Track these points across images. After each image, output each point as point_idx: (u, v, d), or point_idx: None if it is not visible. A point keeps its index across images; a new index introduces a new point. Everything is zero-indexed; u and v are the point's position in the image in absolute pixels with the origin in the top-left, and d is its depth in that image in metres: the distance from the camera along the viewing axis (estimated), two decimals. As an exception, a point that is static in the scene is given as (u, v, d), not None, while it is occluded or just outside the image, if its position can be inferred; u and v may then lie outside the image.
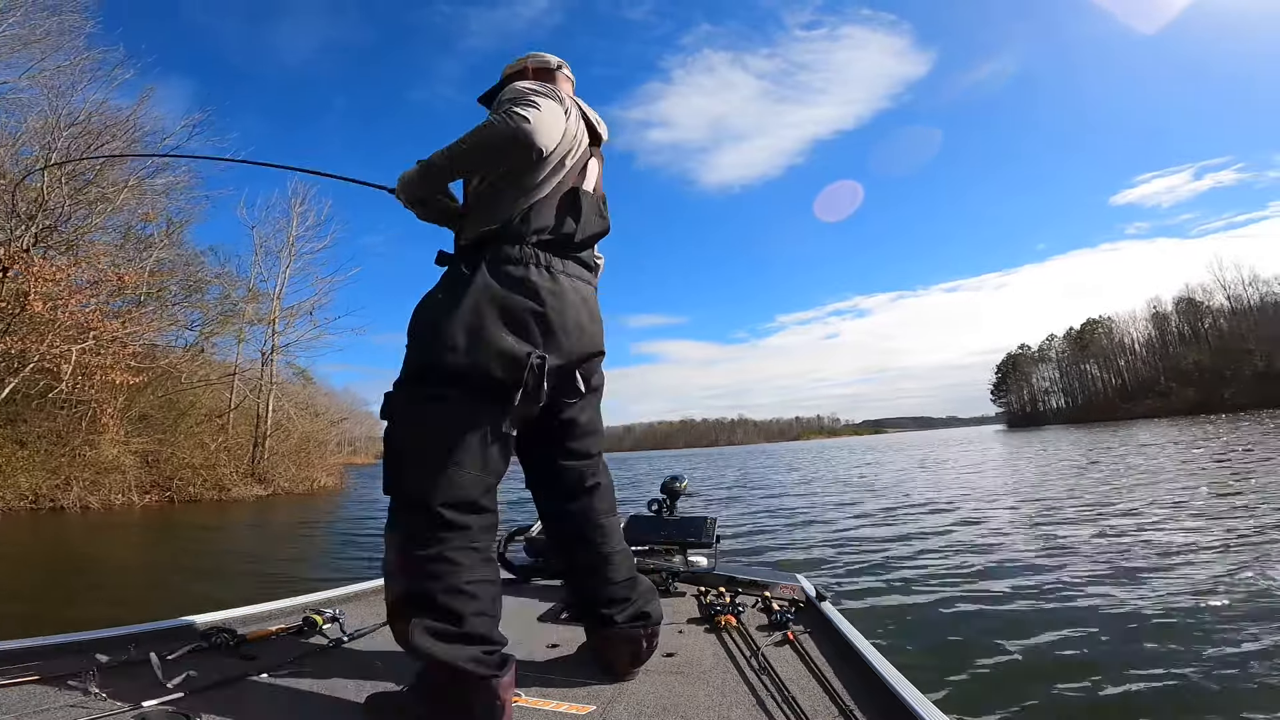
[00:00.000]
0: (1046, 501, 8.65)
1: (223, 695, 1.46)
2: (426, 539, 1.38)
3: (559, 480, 1.72)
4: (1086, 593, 4.22)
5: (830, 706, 1.45)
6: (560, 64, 1.85)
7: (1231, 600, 3.75)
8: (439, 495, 1.39)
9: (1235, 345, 67.34)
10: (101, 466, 15.34)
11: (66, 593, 5.59)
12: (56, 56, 16.72)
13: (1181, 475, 10.38)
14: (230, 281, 22.48)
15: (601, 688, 1.58)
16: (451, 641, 1.32)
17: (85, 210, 16.18)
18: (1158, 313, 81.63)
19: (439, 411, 1.44)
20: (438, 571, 1.36)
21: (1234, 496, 7.64)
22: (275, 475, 20.58)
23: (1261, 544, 5.10)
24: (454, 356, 1.44)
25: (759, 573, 2.84)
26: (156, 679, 1.47)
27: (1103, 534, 6.09)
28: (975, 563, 5.31)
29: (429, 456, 1.43)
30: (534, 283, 1.52)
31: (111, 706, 1.33)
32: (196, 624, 1.92)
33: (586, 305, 1.64)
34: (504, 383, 1.44)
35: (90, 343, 14.05)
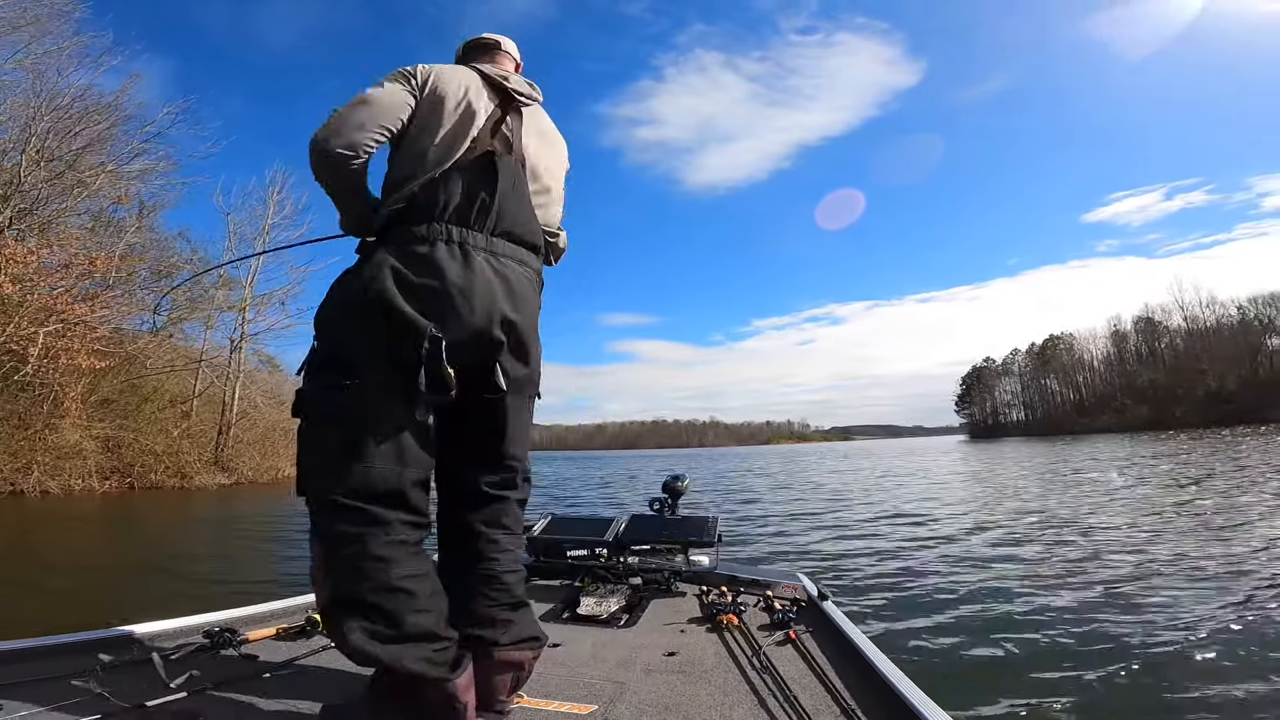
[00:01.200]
0: (1037, 509, 8.90)
1: (225, 695, 1.46)
2: (347, 537, 1.29)
3: (462, 486, 1.56)
4: (1085, 592, 4.29)
5: (832, 705, 1.45)
6: (499, 41, 1.77)
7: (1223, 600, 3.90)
8: (354, 491, 1.30)
9: (1189, 365, 69.56)
10: (63, 451, 14.99)
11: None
12: (45, 41, 16.44)
13: (1156, 491, 10.77)
14: (199, 268, 22.13)
15: (602, 687, 1.57)
16: (394, 642, 1.24)
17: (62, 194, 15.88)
18: (1117, 331, 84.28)
19: (344, 402, 1.34)
20: (365, 570, 1.27)
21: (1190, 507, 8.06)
22: (239, 464, 20.31)
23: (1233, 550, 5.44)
24: (352, 341, 1.38)
25: (761, 572, 2.84)
26: (159, 678, 1.48)
27: (1091, 540, 6.25)
28: (974, 564, 5.40)
29: (340, 451, 1.33)
30: (439, 260, 1.40)
31: (115, 706, 1.33)
32: (199, 624, 1.92)
33: (509, 288, 1.48)
34: (406, 364, 1.34)
35: (57, 325, 13.74)
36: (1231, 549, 5.47)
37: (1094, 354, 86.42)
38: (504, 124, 1.59)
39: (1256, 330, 66.22)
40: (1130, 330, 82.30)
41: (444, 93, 1.51)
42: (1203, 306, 74.02)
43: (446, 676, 1.25)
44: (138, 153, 18.33)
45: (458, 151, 1.49)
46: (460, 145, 1.50)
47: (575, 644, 1.90)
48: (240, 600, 2.26)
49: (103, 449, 16.33)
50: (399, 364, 1.34)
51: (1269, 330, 65.35)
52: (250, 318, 22.71)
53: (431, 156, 1.48)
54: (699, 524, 2.90)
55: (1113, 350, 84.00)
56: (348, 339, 1.39)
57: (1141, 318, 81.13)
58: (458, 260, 1.43)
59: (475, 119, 1.53)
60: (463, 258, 1.43)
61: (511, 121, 1.61)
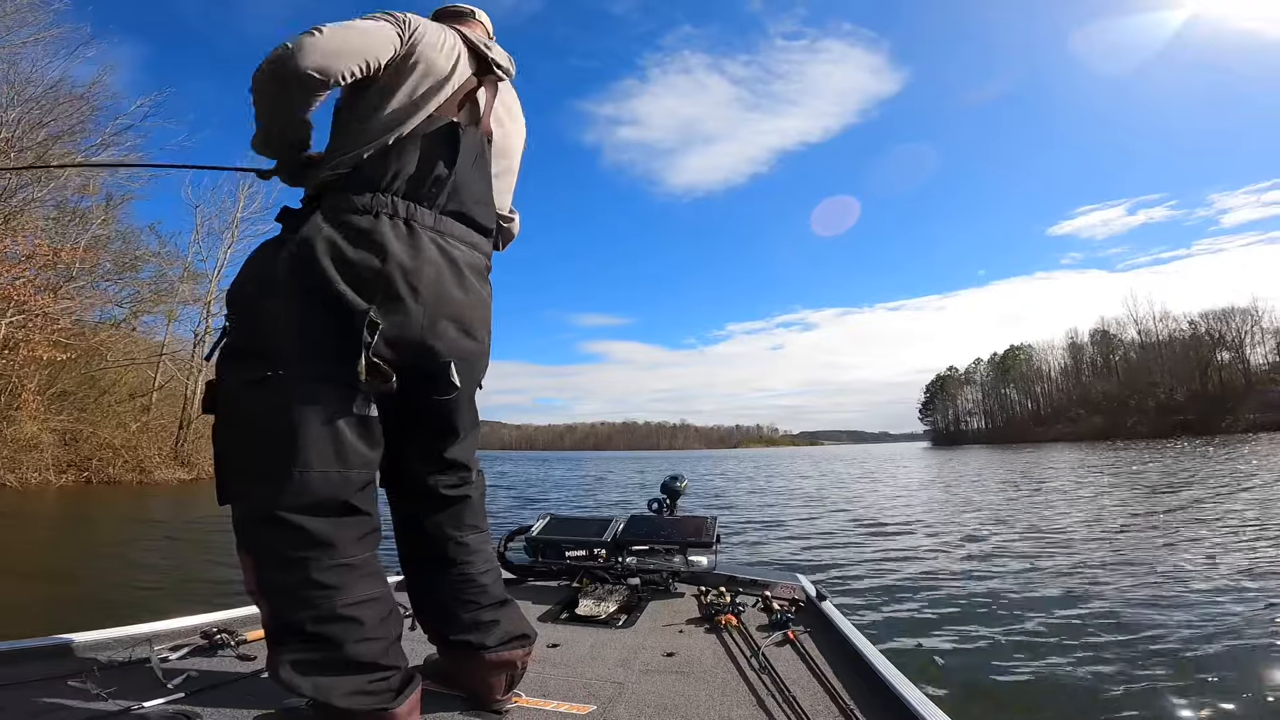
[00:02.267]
0: (1026, 515, 9.05)
1: (223, 696, 1.45)
2: (285, 559, 1.14)
3: (418, 488, 1.44)
4: (1082, 592, 4.35)
5: (831, 706, 1.44)
6: (473, 10, 1.62)
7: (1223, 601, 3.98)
8: (287, 503, 1.13)
9: (1141, 377, 72.08)
10: (20, 444, 14.54)
11: None
12: (22, 32, 16.10)
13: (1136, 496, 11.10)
14: (168, 260, 21.72)
15: (600, 688, 1.57)
16: (328, 673, 1.12)
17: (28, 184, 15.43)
18: (1074, 343, 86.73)
19: (268, 397, 1.16)
20: (306, 598, 1.13)
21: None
22: (200, 459, 19.80)
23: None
24: (273, 324, 1.19)
25: (759, 572, 2.82)
26: (157, 679, 1.47)
27: (1082, 545, 6.36)
28: (972, 564, 5.46)
29: (267, 456, 1.15)
30: (382, 235, 1.23)
31: (112, 707, 1.32)
32: (197, 624, 1.89)
33: (457, 273, 1.35)
34: (347, 353, 1.17)
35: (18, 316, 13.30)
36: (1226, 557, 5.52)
37: (1052, 365, 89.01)
38: (474, 94, 1.45)
39: (1207, 345, 68.82)
40: (1086, 342, 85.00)
41: (425, 50, 1.36)
42: (1156, 320, 76.84)
43: (384, 706, 1.13)
44: (107, 144, 17.92)
45: (419, 116, 1.34)
46: (424, 109, 1.34)
47: (574, 644, 1.90)
48: (239, 601, 2.24)
49: (60, 442, 15.89)
50: (330, 351, 1.18)
51: (1219, 345, 68.04)
52: (215, 311, 22.25)
53: (389, 118, 1.31)
54: (697, 524, 2.90)
55: (1069, 361, 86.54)
56: (268, 321, 1.20)
57: (1097, 330, 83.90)
58: (402, 238, 1.26)
59: (448, 84, 1.38)
60: (408, 234, 1.28)
61: (484, 93, 1.47)
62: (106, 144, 18.04)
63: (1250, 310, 67.37)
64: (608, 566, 2.74)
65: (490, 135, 1.48)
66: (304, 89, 1.22)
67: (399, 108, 1.32)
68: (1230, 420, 57.89)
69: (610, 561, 2.77)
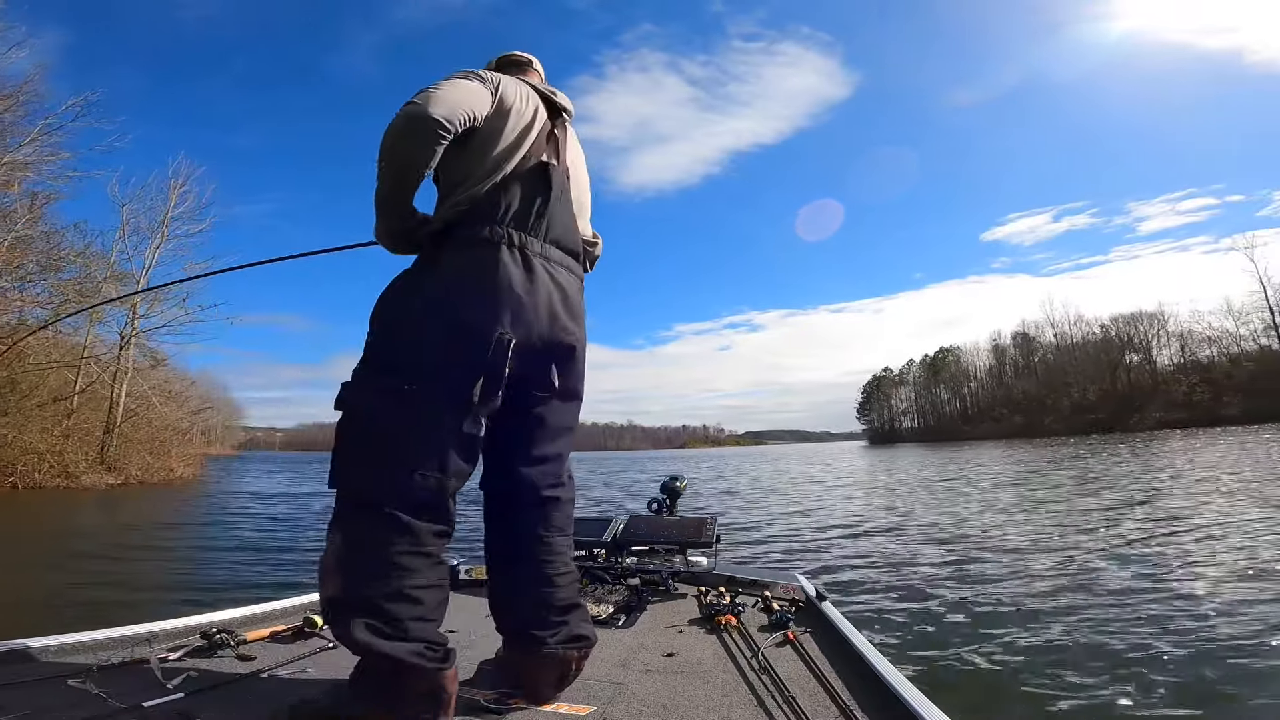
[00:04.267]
0: (1019, 512, 9.11)
1: (222, 696, 1.46)
2: (375, 541, 1.31)
3: (514, 487, 1.58)
4: (1081, 591, 4.37)
5: (830, 706, 1.44)
6: (531, 60, 1.81)
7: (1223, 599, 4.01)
8: (391, 498, 1.32)
9: (1058, 378, 75.92)
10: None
11: None
12: None
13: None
14: (93, 261, 20.50)
15: (600, 688, 1.57)
16: (395, 639, 1.28)
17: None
18: (997, 345, 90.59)
19: (397, 406, 1.35)
20: (384, 575, 1.30)
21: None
22: (128, 464, 19.15)
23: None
24: (414, 346, 1.38)
25: (759, 572, 2.83)
26: (156, 679, 1.48)
27: (1077, 543, 6.37)
28: (973, 564, 5.49)
29: (384, 455, 1.34)
30: (503, 263, 1.43)
31: (112, 707, 1.33)
32: (196, 624, 1.89)
33: (563, 294, 1.54)
34: (472, 371, 1.36)
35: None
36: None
37: (978, 366, 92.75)
38: (553, 135, 1.64)
39: (1116, 347, 73.12)
40: (1009, 344, 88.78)
41: (510, 100, 1.54)
42: (1071, 324, 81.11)
43: (441, 665, 1.30)
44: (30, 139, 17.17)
45: (517, 156, 1.53)
46: (520, 150, 1.53)
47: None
48: (239, 601, 2.23)
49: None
50: (461, 370, 1.36)
51: (1128, 347, 72.75)
52: (142, 313, 21.18)
53: (494, 161, 1.50)
54: (697, 525, 2.90)
55: (994, 363, 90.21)
56: (407, 341, 1.40)
57: (1018, 333, 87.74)
58: (519, 265, 1.46)
59: (533, 129, 1.57)
60: (524, 262, 1.47)
61: (558, 133, 1.66)
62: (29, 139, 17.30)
63: (1157, 315, 72.05)
64: (607, 566, 2.74)
65: (568, 171, 1.67)
66: (434, 136, 1.37)
67: (500, 151, 1.51)
68: (1138, 418, 61.73)
69: (610, 561, 2.77)
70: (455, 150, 1.49)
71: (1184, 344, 69.15)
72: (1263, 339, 62.39)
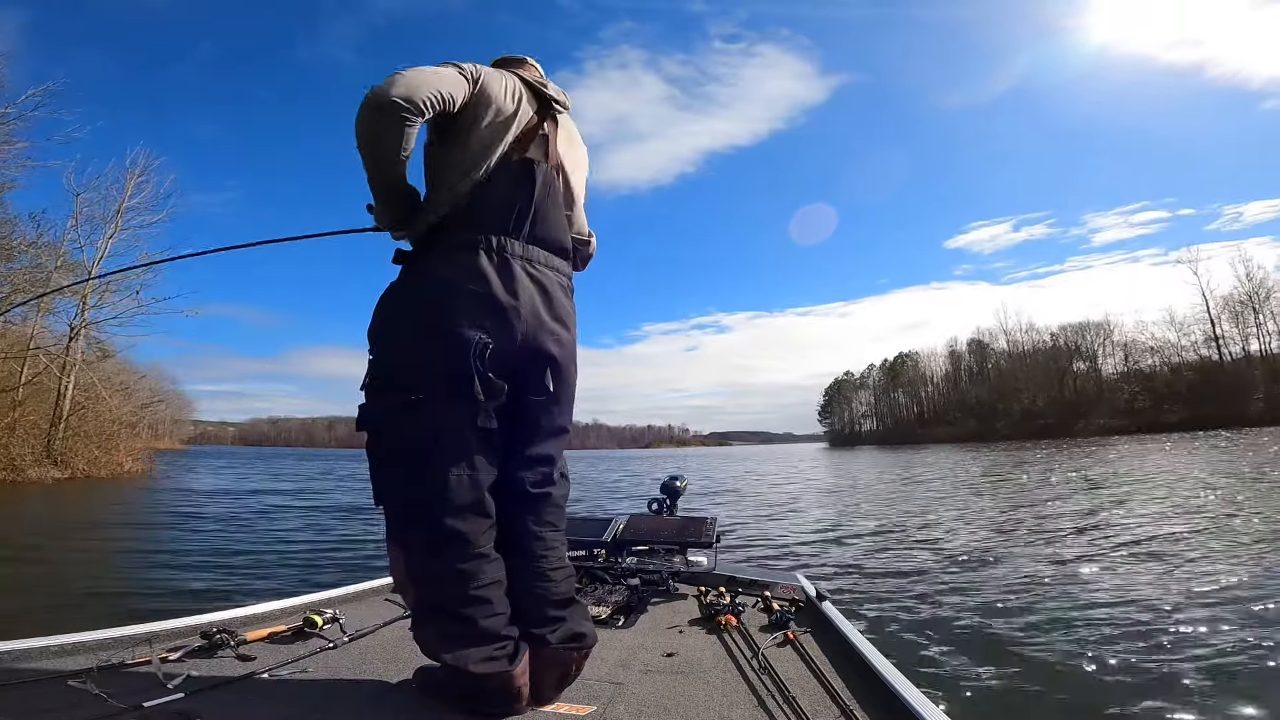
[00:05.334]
0: (1013, 513, 9.18)
1: (223, 696, 1.47)
2: (435, 551, 1.39)
3: (508, 485, 1.57)
4: (1080, 591, 4.38)
5: (831, 706, 1.44)
6: (525, 58, 1.77)
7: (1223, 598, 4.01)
8: (438, 507, 1.38)
9: (1009, 384, 78.03)
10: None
11: None
12: None
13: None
14: (44, 251, 19.68)
15: (600, 688, 1.57)
16: (464, 646, 1.36)
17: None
18: (954, 351, 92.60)
19: (416, 418, 1.41)
20: (450, 584, 1.38)
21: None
22: (75, 458, 18.56)
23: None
24: (413, 357, 1.42)
25: (759, 572, 2.85)
26: (157, 679, 1.48)
27: (1076, 542, 6.44)
28: (973, 565, 5.51)
29: (420, 467, 1.40)
30: (482, 267, 1.45)
31: (112, 707, 1.33)
32: (197, 624, 1.89)
33: (546, 296, 1.54)
34: (462, 375, 1.39)
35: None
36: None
37: (935, 371, 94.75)
38: (541, 130, 1.62)
39: (1065, 355, 75.36)
40: (965, 351, 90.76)
41: (491, 93, 1.52)
42: (1023, 332, 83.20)
43: (507, 669, 1.37)
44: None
45: (497, 153, 1.52)
46: (498, 147, 1.52)
47: None
48: (239, 601, 2.25)
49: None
50: (456, 376, 1.40)
51: (1075, 355, 75.49)
52: (93, 303, 20.40)
53: (474, 156, 1.50)
54: (697, 525, 2.89)
55: (950, 368, 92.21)
56: (404, 354, 1.45)
57: (974, 340, 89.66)
58: (499, 267, 1.47)
59: (516, 123, 1.56)
60: (503, 265, 1.48)
61: (548, 127, 1.64)
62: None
63: (1103, 324, 74.51)
64: (607, 566, 2.74)
65: (560, 166, 1.67)
66: (395, 118, 1.35)
67: (477, 149, 1.51)
68: (1083, 424, 63.88)
69: (610, 561, 2.77)
70: (437, 143, 1.53)
71: (1128, 353, 71.92)
72: (1203, 350, 65.31)
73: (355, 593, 2.47)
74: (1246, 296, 62.79)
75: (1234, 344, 63.32)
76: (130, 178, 22.23)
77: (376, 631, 2.03)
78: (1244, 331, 62.82)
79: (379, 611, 2.24)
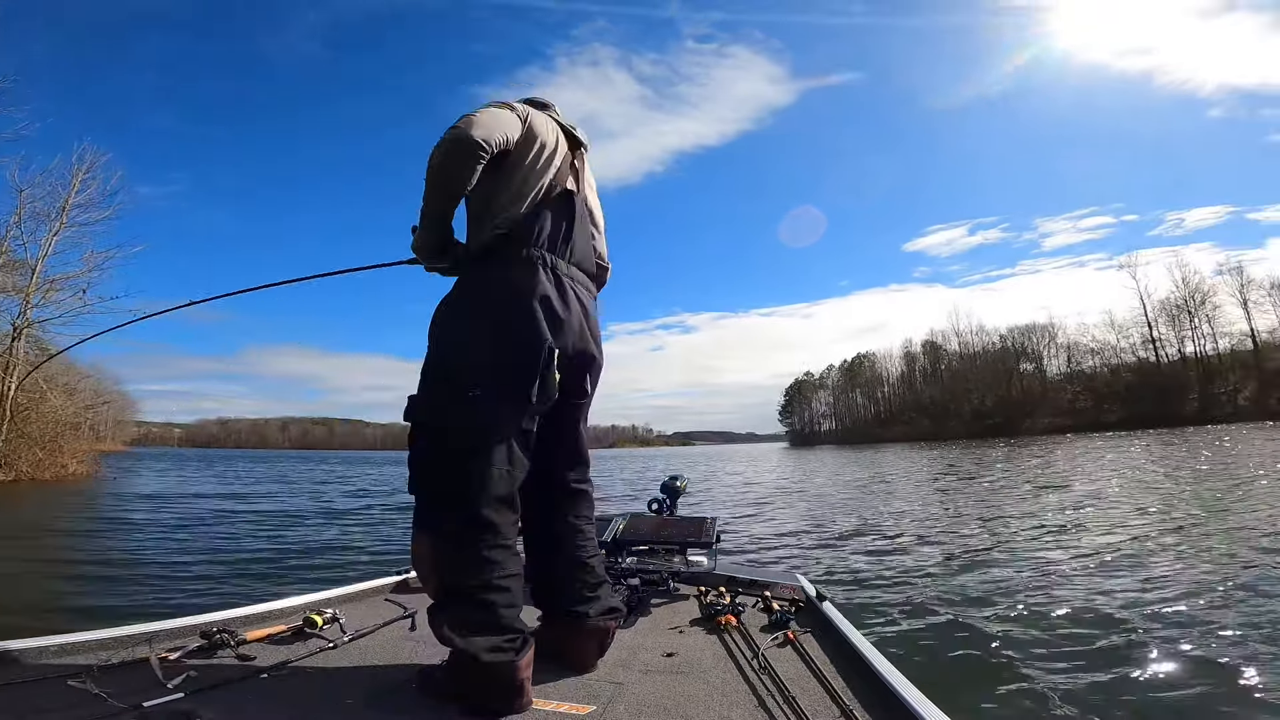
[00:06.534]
0: (1006, 508, 9.32)
1: (222, 696, 1.47)
2: (467, 539, 1.46)
3: (553, 481, 1.74)
4: (1081, 593, 4.32)
5: (831, 706, 1.44)
6: (550, 103, 1.90)
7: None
8: (478, 496, 1.47)
9: (960, 385, 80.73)
10: None
11: None
12: None
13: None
14: None
15: (601, 687, 1.58)
16: (478, 633, 1.41)
17: None
18: (909, 352, 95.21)
19: (471, 412, 1.50)
20: (476, 570, 1.45)
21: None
22: (19, 460, 18.03)
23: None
24: (478, 355, 1.53)
25: (759, 572, 2.85)
26: (156, 679, 1.47)
27: (1073, 539, 6.48)
28: (972, 565, 5.51)
29: (466, 457, 1.49)
30: (541, 281, 1.59)
31: (111, 707, 1.32)
32: (196, 624, 1.87)
33: (585, 311, 1.71)
34: (528, 377, 1.51)
35: None
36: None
37: (891, 372, 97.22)
38: (573, 164, 1.81)
39: (1012, 356, 78.46)
40: (919, 352, 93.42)
41: (538, 130, 1.69)
42: (973, 334, 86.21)
43: (513, 660, 1.42)
44: None
45: (545, 182, 1.69)
46: (547, 180, 1.70)
47: None
48: (239, 601, 2.20)
49: None
50: (518, 375, 1.52)
51: (1021, 357, 78.48)
52: (36, 302, 19.62)
53: (525, 186, 1.66)
54: (697, 525, 2.90)
55: (905, 369, 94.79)
56: (470, 352, 1.55)
57: (927, 341, 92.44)
58: (554, 282, 1.63)
59: (558, 158, 1.73)
60: (558, 281, 1.64)
61: (577, 164, 1.83)
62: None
63: (1048, 327, 78.03)
64: (607, 566, 2.64)
65: (586, 198, 1.85)
66: (475, 156, 1.52)
67: (531, 176, 1.67)
68: (1029, 423, 66.49)
69: (610, 561, 2.74)
70: (489, 173, 1.63)
71: (1070, 355, 75.33)
72: (1141, 352, 68.82)
73: (355, 593, 2.46)
74: (1182, 300, 66.29)
75: (1170, 346, 66.99)
76: (77, 173, 21.40)
77: (376, 631, 2.03)
78: (1179, 334, 66.48)
79: (379, 611, 2.25)
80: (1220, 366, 62.87)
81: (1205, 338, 64.84)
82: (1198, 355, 64.55)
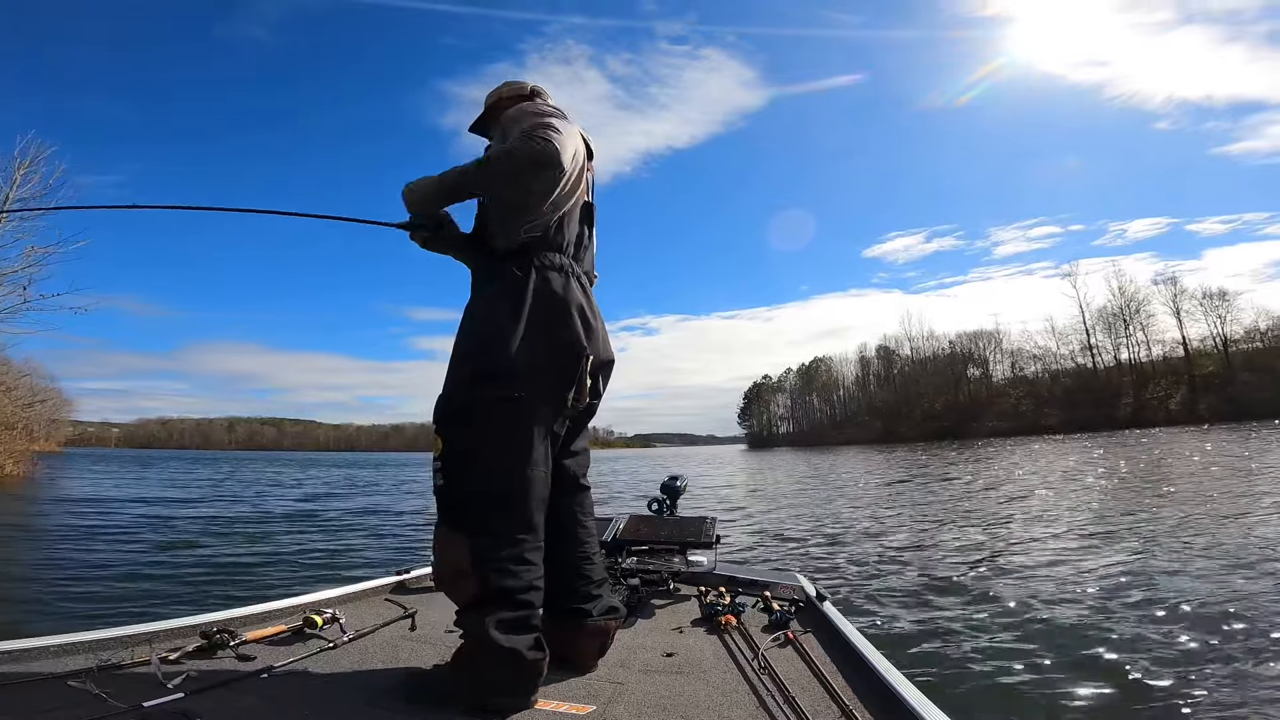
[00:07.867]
0: (1015, 512, 9.37)
1: (222, 695, 1.47)
2: (509, 539, 1.46)
3: (563, 478, 1.73)
4: (1079, 589, 4.44)
5: (831, 706, 1.44)
6: (537, 89, 1.91)
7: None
8: (524, 497, 1.48)
9: (912, 388, 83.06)
10: None
11: None
12: None
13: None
14: None
15: (601, 687, 1.58)
16: (520, 632, 1.43)
17: None
18: (863, 357, 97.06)
19: (511, 412, 1.50)
20: (518, 571, 1.45)
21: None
22: None
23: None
24: (522, 357, 1.52)
25: (759, 572, 2.86)
26: (156, 679, 1.47)
27: (1073, 541, 6.58)
28: (972, 565, 5.56)
29: (507, 458, 1.49)
30: (571, 288, 1.62)
31: (112, 707, 1.32)
32: (196, 624, 1.86)
33: (597, 314, 1.73)
34: (568, 381, 1.53)
35: None
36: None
37: (846, 376, 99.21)
38: (588, 172, 1.84)
39: (960, 361, 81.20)
40: (873, 357, 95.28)
41: (575, 144, 1.69)
42: (925, 339, 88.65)
43: (541, 658, 1.45)
44: None
45: (577, 194, 1.72)
46: (578, 190, 1.73)
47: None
48: (239, 601, 2.18)
49: None
50: (559, 380, 1.55)
51: (969, 362, 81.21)
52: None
53: (562, 198, 1.67)
54: (697, 525, 2.91)
55: (860, 373, 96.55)
56: (513, 354, 1.53)
57: (881, 346, 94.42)
58: (581, 289, 1.67)
59: (584, 170, 1.77)
60: (584, 289, 1.68)
61: (589, 174, 1.86)
62: None
63: (994, 333, 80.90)
64: (607, 567, 2.66)
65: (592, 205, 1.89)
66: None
67: (568, 189, 1.69)
68: (976, 426, 68.47)
69: (610, 561, 2.74)
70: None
71: (1014, 360, 78.36)
72: (1080, 358, 72.11)
73: (355, 593, 2.45)
74: (1119, 309, 69.70)
75: (1106, 353, 70.23)
76: (18, 168, 20.43)
77: (376, 631, 2.03)
78: (1115, 342, 69.81)
79: (379, 611, 2.26)
80: (1154, 373, 66.23)
81: (1140, 345, 68.37)
82: (1132, 362, 67.88)
